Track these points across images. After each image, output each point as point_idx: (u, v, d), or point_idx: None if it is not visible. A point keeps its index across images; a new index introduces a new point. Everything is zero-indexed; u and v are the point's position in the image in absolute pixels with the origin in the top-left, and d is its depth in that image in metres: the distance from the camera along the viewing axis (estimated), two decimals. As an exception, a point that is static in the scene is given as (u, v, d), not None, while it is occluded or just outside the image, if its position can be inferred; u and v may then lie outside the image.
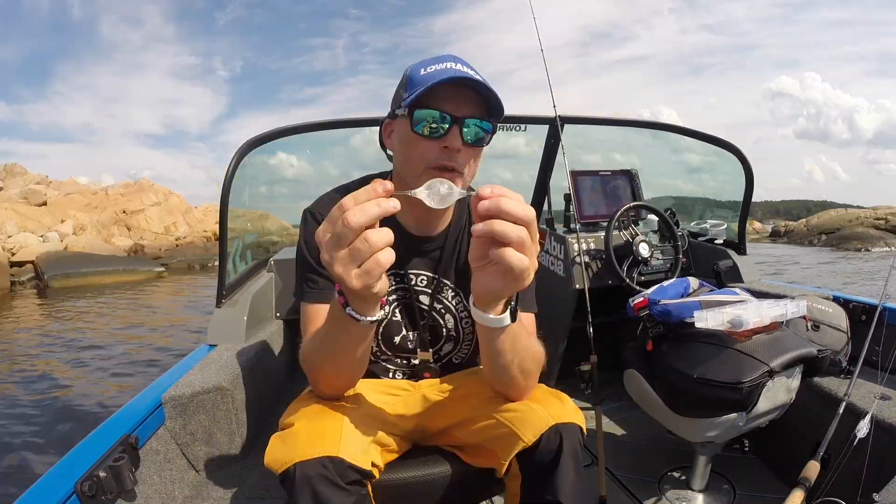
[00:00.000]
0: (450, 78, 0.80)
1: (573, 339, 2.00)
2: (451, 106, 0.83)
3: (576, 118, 2.01)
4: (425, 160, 0.85)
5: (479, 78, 0.82)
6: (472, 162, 0.88)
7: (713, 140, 2.20)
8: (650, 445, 1.78)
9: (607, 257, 1.93)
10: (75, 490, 0.88)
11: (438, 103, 0.82)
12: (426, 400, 1.01)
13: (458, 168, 0.85)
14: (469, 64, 0.86)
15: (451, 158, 0.84)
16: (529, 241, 0.59)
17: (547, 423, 0.84)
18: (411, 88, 0.84)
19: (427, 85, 0.80)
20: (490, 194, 0.58)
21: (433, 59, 0.86)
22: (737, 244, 2.21)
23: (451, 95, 0.82)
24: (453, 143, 0.83)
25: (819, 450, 1.19)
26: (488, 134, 0.87)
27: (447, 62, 0.84)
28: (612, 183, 2.24)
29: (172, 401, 1.23)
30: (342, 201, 0.58)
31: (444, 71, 0.82)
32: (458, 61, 0.85)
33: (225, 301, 1.67)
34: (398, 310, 1.01)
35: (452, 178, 0.84)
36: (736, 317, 1.25)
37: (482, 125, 0.85)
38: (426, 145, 0.84)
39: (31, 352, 6.53)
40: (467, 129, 0.84)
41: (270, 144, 1.72)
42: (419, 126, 0.83)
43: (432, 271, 1.00)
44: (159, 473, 1.15)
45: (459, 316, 1.03)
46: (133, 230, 18.42)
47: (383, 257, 0.59)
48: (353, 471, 0.77)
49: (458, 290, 1.02)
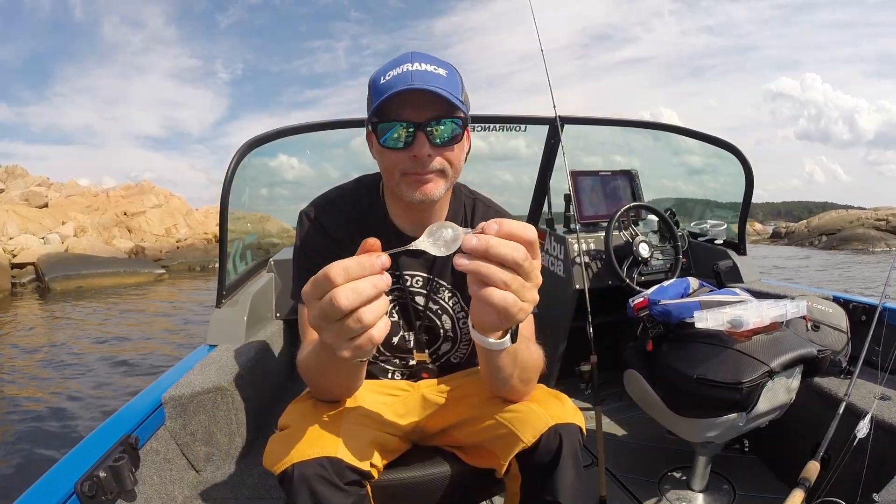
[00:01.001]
0: (397, 92, 0.78)
1: (573, 339, 2.00)
2: (412, 112, 0.81)
3: (575, 118, 2.01)
4: (398, 170, 0.84)
5: (430, 87, 0.79)
6: (451, 159, 0.86)
7: (713, 140, 2.21)
8: (650, 445, 1.78)
9: (607, 257, 1.93)
10: (75, 490, 0.88)
11: (398, 111, 0.81)
12: (425, 400, 1.00)
13: (434, 170, 0.84)
14: (430, 57, 0.83)
15: (423, 165, 0.83)
16: (519, 282, 0.55)
17: (546, 424, 0.83)
18: (374, 99, 0.82)
19: (380, 99, 0.79)
20: (483, 234, 0.53)
21: (392, 63, 0.83)
22: (737, 244, 2.21)
23: (411, 99, 0.80)
24: (420, 152, 0.81)
25: (819, 450, 1.19)
26: (460, 127, 0.84)
27: (404, 64, 0.81)
28: (612, 183, 2.24)
29: (172, 401, 1.24)
30: (330, 272, 0.51)
31: (400, 76, 0.80)
32: (415, 59, 0.82)
33: (225, 301, 1.68)
34: (395, 310, 1.00)
35: (431, 179, 0.84)
36: (736, 317, 1.25)
37: (449, 122, 0.82)
38: (396, 156, 0.83)
39: (32, 354, 6.53)
40: (433, 132, 0.81)
41: (271, 146, 1.72)
42: (385, 139, 0.82)
43: (427, 272, 0.99)
44: (159, 473, 1.15)
45: (456, 316, 1.02)
46: (134, 232, 18.44)
47: (377, 333, 0.53)
48: (352, 471, 0.77)
49: (455, 291, 1.01)
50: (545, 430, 0.83)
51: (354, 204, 0.97)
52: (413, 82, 0.79)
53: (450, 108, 0.82)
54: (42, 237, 15.14)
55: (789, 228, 28.87)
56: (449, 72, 0.83)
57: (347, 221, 0.94)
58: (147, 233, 18.65)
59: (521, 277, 0.55)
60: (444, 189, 0.87)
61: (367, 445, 0.84)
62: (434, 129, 0.81)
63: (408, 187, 0.85)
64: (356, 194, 0.98)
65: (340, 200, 0.97)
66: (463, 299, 1.01)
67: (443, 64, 0.84)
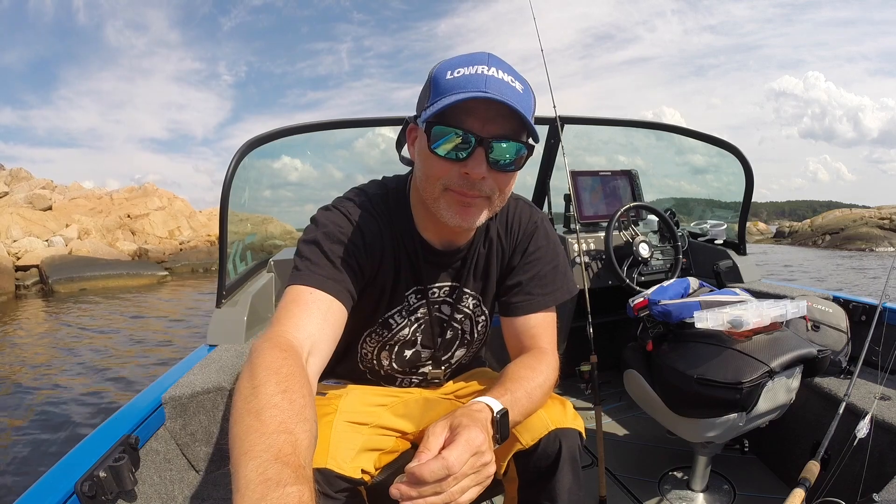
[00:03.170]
0: (472, 97, 0.69)
1: (573, 339, 2.00)
2: (477, 123, 0.71)
3: (575, 118, 2.01)
4: (442, 182, 0.75)
5: (506, 100, 0.69)
6: (503, 185, 0.77)
7: (713, 140, 2.20)
8: (650, 445, 1.78)
9: (607, 258, 1.93)
10: (75, 490, 0.88)
11: (462, 118, 0.71)
12: (427, 401, 1.00)
13: (483, 194, 0.75)
14: (507, 66, 0.74)
15: (473, 185, 0.74)
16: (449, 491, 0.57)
17: (547, 428, 0.83)
18: (434, 96, 0.72)
19: (447, 100, 0.69)
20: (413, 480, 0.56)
21: (465, 59, 0.73)
22: (737, 244, 2.21)
23: (479, 109, 0.71)
24: (475, 171, 0.72)
25: (819, 450, 1.18)
26: (523, 156, 0.75)
27: (479, 65, 0.71)
28: (612, 183, 2.24)
29: (172, 401, 1.24)
30: None
31: (473, 78, 0.70)
32: (492, 63, 0.72)
33: (225, 301, 1.68)
34: (420, 327, 0.95)
35: (476, 204, 0.76)
36: (736, 317, 1.24)
37: (515, 145, 0.73)
38: (445, 167, 0.73)
39: (35, 355, 6.56)
40: (495, 152, 0.72)
41: (274, 148, 1.72)
42: (437, 145, 0.72)
43: (453, 280, 0.94)
44: (159, 474, 1.16)
45: (476, 320, 0.99)
46: (137, 234, 18.48)
47: None
48: (342, 480, 0.77)
49: (478, 297, 0.97)
50: (545, 433, 0.83)
51: (382, 210, 0.87)
52: (488, 90, 0.69)
53: (520, 128, 0.73)
54: (46, 240, 15.20)
55: (793, 228, 28.78)
56: (525, 88, 0.74)
57: (380, 228, 0.85)
58: (150, 235, 18.70)
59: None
60: (485, 218, 0.79)
61: (358, 451, 0.82)
62: (498, 147, 0.72)
63: (447, 206, 0.77)
64: (382, 200, 0.88)
65: (369, 204, 0.86)
66: (484, 303, 0.97)
67: (520, 78, 0.74)
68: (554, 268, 0.94)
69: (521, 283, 0.93)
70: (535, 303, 0.92)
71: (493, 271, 0.94)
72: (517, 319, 0.92)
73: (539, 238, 0.94)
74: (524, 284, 0.92)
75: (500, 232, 0.94)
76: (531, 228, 0.95)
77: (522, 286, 0.92)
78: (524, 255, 0.94)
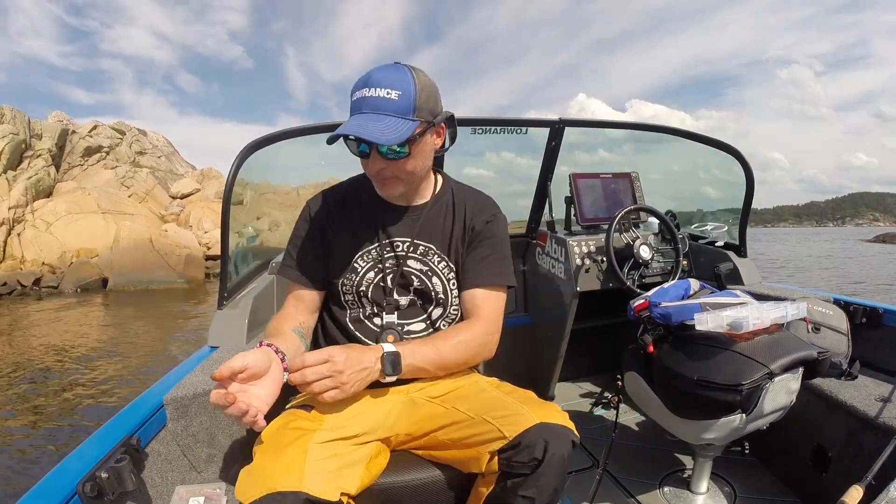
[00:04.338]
0: (341, 134, 0.91)
1: (573, 341, 2.00)
2: None
3: (576, 121, 2.01)
4: (367, 171, 1.01)
5: (364, 136, 0.89)
6: (401, 168, 0.98)
7: (715, 143, 2.20)
8: (651, 448, 1.78)
9: (608, 260, 1.93)
10: (77, 491, 0.88)
11: None
12: (413, 403, 1.01)
13: (392, 177, 0.99)
14: (387, 77, 0.92)
15: (381, 174, 0.99)
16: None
17: (531, 421, 0.84)
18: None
19: (339, 130, 0.91)
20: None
21: (360, 82, 0.94)
22: (737, 246, 2.21)
23: None
24: (373, 166, 0.98)
25: (867, 475, 0.98)
26: (404, 147, 0.95)
27: (362, 89, 0.92)
28: (613, 185, 2.24)
29: (174, 402, 1.24)
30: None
31: (357, 102, 0.93)
32: (371, 83, 0.92)
33: (226, 303, 1.68)
34: (389, 278, 1.07)
35: (390, 182, 0.99)
36: (736, 319, 1.24)
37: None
38: (363, 162, 1.00)
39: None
40: (383, 149, 0.94)
41: (274, 149, 1.72)
42: (352, 150, 0.98)
43: (415, 236, 1.08)
44: (161, 475, 1.16)
45: (446, 278, 1.09)
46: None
47: None
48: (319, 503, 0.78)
49: (444, 256, 1.09)
50: (528, 426, 0.83)
51: (350, 188, 1.14)
52: (361, 117, 0.91)
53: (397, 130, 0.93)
54: (237, 231, 15.44)
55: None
56: (403, 92, 0.92)
57: (337, 205, 1.11)
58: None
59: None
60: (403, 188, 1.02)
61: (336, 470, 0.84)
62: (382, 147, 0.94)
63: (376, 183, 1.03)
64: (355, 180, 1.15)
65: (330, 191, 1.15)
66: (452, 262, 1.10)
67: (399, 83, 0.92)
68: (503, 257, 1.12)
69: (473, 260, 1.10)
70: (481, 278, 1.08)
71: (455, 235, 1.10)
72: (465, 292, 1.09)
73: (495, 227, 1.12)
74: (476, 262, 1.09)
75: (467, 207, 1.12)
76: (490, 218, 1.12)
77: (475, 263, 1.09)
78: (480, 237, 1.10)
